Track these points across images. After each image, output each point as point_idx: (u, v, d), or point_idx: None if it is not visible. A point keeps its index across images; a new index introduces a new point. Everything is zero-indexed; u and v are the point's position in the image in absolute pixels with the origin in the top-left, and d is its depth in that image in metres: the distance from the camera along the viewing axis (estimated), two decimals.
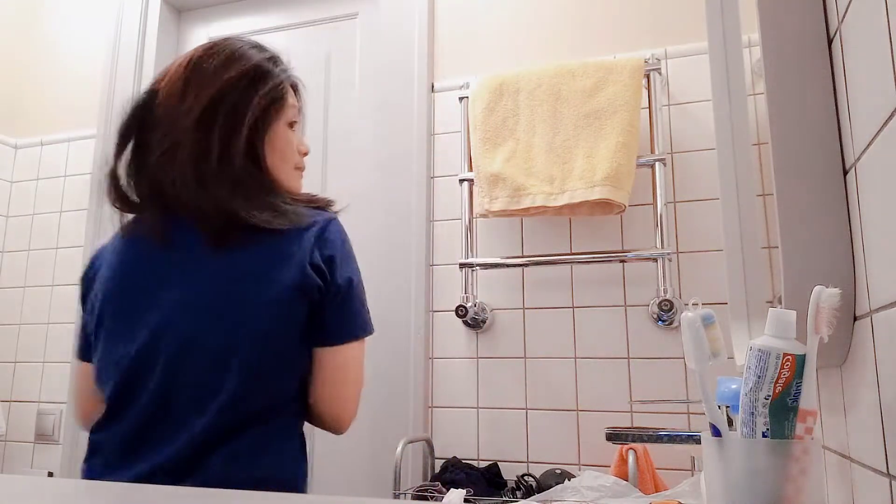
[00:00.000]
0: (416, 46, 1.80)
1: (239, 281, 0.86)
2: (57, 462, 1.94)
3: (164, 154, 0.89)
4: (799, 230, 0.62)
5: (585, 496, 1.07)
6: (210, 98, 0.90)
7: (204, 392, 0.84)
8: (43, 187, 2.16)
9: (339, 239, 0.92)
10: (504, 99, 1.59)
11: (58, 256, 2.09)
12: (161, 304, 0.87)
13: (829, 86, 0.63)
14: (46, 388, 2.01)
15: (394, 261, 1.69)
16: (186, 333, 0.85)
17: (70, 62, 2.22)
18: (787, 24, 0.65)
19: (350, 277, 0.91)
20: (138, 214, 0.95)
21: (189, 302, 0.86)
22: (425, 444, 1.57)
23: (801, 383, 0.48)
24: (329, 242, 0.90)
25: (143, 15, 2.12)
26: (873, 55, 0.51)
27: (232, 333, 0.85)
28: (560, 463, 1.47)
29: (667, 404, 1.41)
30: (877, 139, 0.51)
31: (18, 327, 2.09)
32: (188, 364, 0.85)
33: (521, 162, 1.54)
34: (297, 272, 0.86)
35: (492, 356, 1.60)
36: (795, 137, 0.63)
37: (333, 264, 0.89)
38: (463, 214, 1.63)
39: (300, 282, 0.86)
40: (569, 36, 1.69)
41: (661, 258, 1.43)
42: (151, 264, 0.90)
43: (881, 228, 0.51)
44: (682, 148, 1.54)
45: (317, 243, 0.89)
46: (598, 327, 1.53)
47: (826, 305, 0.48)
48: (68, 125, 2.16)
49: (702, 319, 0.51)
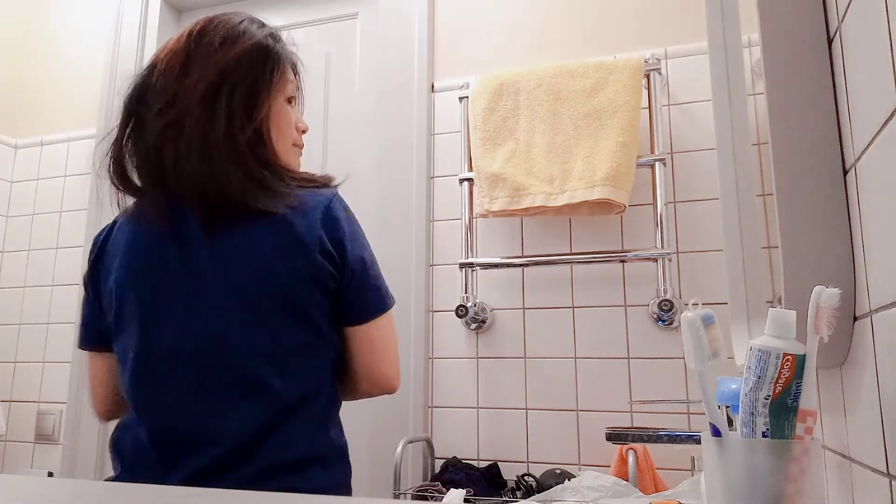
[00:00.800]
0: (416, 46, 1.80)
1: (249, 275, 0.86)
2: (57, 462, 1.94)
3: (170, 126, 0.88)
4: (799, 230, 0.62)
5: (585, 496, 1.07)
6: (216, 73, 0.90)
7: (234, 392, 0.84)
8: (43, 187, 2.16)
9: (343, 217, 0.91)
10: (504, 99, 1.59)
11: (58, 256, 2.09)
12: (174, 300, 0.87)
13: (829, 86, 0.63)
14: (46, 388, 2.01)
15: (394, 261, 1.69)
16: (207, 333, 0.85)
17: (70, 62, 2.22)
18: (787, 24, 0.65)
19: (361, 256, 0.91)
20: (137, 195, 0.93)
21: (200, 299, 0.86)
22: (425, 444, 1.57)
23: (801, 383, 0.48)
24: (335, 223, 0.89)
25: (143, 15, 2.12)
26: (873, 55, 0.51)
27: (253, 331, 0.85)
28: (560, 463, 1.47)
29: (667, 404, 1.41)
30: (877, 139, 0.51)
31: (18, 327, 2.09)
32: (214, 363, 0.85)
33: (521, 162, 1.54)
34: (307, 262, 0.86)
35: (492, 356, 1.60)
36: (795, 137, 0.63)
37: (343, 247, 0.89)
38: (463, 214, 1.63)
39: (312, 272, 0.86)
40: (569, 36, 1.69)
41: (661, 258, 1.43)
42: (162, 255, 0.89)
43: (881, 228, 0.51)
44: (682, 148, 1.54)
45: (324, 227, 0.88)
46: (598, 327, 1.53)
47: (826, 305, 0.48)
48: (68, 125, 2.16)
49: (702, 319, 0.51)
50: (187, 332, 0.86)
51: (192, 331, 0.85)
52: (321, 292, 0.87)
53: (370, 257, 0.93)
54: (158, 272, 0.88)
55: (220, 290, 0.86)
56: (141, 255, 0.90)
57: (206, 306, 0.85)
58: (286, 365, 0.86)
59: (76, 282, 2.03)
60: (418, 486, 1.40)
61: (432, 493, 1.34)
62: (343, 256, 0.89)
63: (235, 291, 0.85)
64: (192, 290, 0.86)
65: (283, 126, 0.97)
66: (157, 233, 0.89)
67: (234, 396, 0.84)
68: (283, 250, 0.86)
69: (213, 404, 0.84)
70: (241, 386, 0.84)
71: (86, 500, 0.59)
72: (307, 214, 0.88)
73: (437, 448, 1.59)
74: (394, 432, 1.58)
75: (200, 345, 0.85)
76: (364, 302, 0.92)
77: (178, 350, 0.85)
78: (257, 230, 0.87)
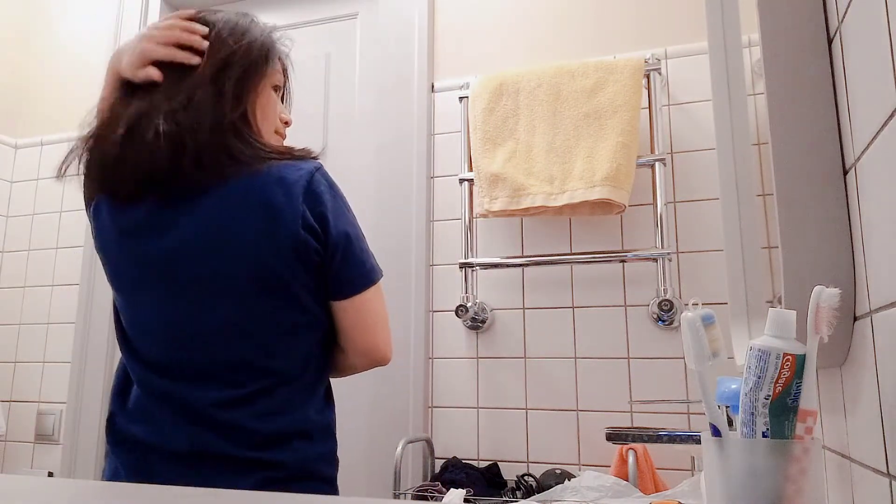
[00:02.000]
0: (416, 46, 1.80)
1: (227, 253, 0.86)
2: (57, 462, 1.94)
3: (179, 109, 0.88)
4: (799, 230, 0.62)
5: (585, 496, 1.07)
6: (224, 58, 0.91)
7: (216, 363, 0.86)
8: (43, 187, 2.16)
9: (326, 191, 0.90)
10: (504, 99, 1.59)
11: (58, 256, 2.09)
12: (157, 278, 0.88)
13: (829, 86, 0.63)
14: (46, 388, 2.01)
15: (394, 261, 1.69)
16: (188, 310, 0.86)
17: (70, 62, 2.22)
18: (787, 24, 0.65)
19: (345, 231, 0.90)
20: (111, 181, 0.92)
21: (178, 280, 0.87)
22: (425, 444, 1.57)
23: (801, 383, 0.48)
24: (318, 197, 0.88)
25: (143, 14, 2.12)
26: (873, 55, 0.51)
27: (231, 307, 0.86)
28: (560, 463, 1.47)
29: (667, 404, 1.41)
30: (877, 139, 0.51)
31: (18, 327, 2.09)
32: (196, 341, 0.86)
33: (521, 162, 1.54)
34: (289, 237, 0.85)
35: (492, 356, 1.60)
36: (795, 137, 0.63)
37: (326, 220, 0.88)
38: (463, 214, 1.63)
39: (294, 247, 0.86)
40: (569, 36, 1.69)
41: (661, 258, 1.43)
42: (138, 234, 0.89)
43: (881, 228, 0.51)
44: (682, 148, 1.54)
45: (305, 201, 0.87)
46: (598, 327, 1.53)
47: (826, 305, 0.48)
48: (68, 125, 2.16)
49: (702, 319, 0.51)
50: (167, 312, 0.87)
51: (173, 310, 0.87)
52: (304, 268, 0.87)
53: (355, 231, 0.93)
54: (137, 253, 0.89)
55: (197, 270, 0.86)
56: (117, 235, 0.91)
57: (185, 286, 0.86)
58: (269, 344, 0.87)
59: (76, 282, 2.03)
60: (418, 486, 1.40)
61: (432, 493, 1.34)
62: (326, 230, 0.88)
63: (216, 270, 0.86)
64: (170, 271, 0.87)
65: (269, 111, 0.98)
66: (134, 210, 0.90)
67: (212, 372, 0.86)
68: (263, 226, 0.85)
69: (195, 379, 0.86)
70: (223, 364, 0.86)
71: (86, 500, 0.59)
72: (289, 188, 0.87)
73: (437, 448, 1.59)
74: (394, 432, 1.58)
75: (180, 324, 0.86)
76: (349, 276, 0.91)
77: (161, 329, 0.87)
78: (233, 205, 0.86)
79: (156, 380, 0.87)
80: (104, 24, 2.17)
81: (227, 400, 0.85)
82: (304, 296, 0.88)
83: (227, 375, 0.86)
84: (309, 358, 0.91)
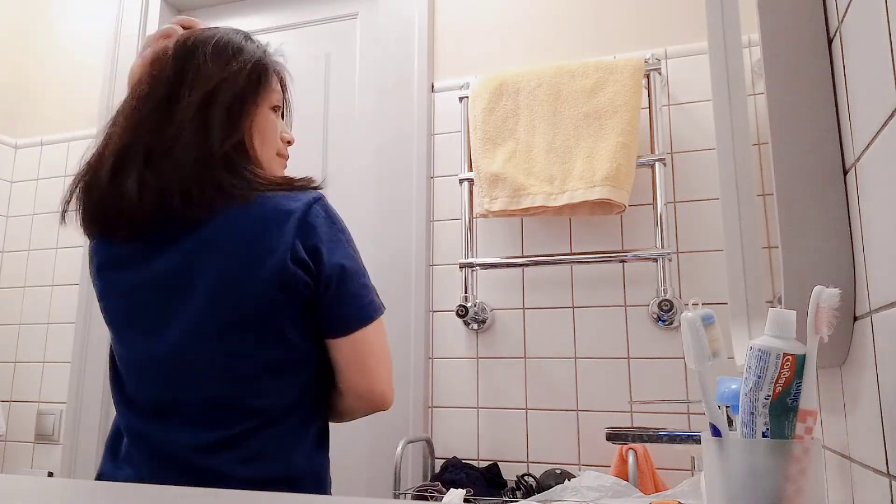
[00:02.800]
0: (416, 46, 1.80)
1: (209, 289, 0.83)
2: (57, 462, 1.94)
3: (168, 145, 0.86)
4: (799, 230, 0.62)
5: (585, 496, 1.07)
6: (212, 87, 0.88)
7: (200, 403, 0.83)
8: (43, 187, 2.16)
9: (323, 223, 0.85)
10: (504, 99, 1.59)
11: (58, 256, 2.09)
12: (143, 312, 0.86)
13: (829, 86, 0.63)
14: (46, 388, 2.01)
15: (394, 261, 1.69)
16: (173, 345, 0.84)
17: (70, 62, 2.22)
18: (787, 24, 0.65)
19: (341, 264, 0.85)
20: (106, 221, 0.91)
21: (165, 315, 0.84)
22: (425, 444, 1.58)
23: (801, 383, 0.48)
24: (312, 229, 0.84)
25: (143, 14, 2.12)
26: (873, 55, 0.51)
27: (214, 343, 0.83)
28: (560, 463, 1.47)
29: (667, 404, 1.41)
30: (877, 139, 0.51)
31: (18, 327, 2.09)
32: (181, 378, 0.84)
33: (521, 162, 1.54)
34: (276, 271, 0.82)
35: (492, 356, 1.60)
36: (795, 137, 0.63)
37: (319, 254, 0.84)
38: (463, 214, 1.63)
39: (282, 281, 0.82)
40: (569, 36, 1.69)
41: (661, 258, 1.43)
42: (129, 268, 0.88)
43: (881, 228, 0.51)
44: (682, 148, 1.54)
45: (298, 233, 0.83)
46: (598, 327, 1.53)
47: (826, 305, 0.48)
48: (68, 125, 2.16)
49: (702, 319, 0.51)
50: (151, 348, 0.85)
51: (158, 345, 0.84)
52: (292, 303, 0.83)
53: (353, 265, 0.87)
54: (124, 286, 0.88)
55: (181, 304, 0.84)
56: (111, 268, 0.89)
57: (169, 321, 0.84)
58: (253, 382, 0.83)
59: (76, 282, 2.03)
60: (418, 487, 1.40)
61: (432, 493, 1.34)
62: (319, 264, 0.84)
63: (198, 305, 0.83)
64: (155, 305, 0.85)
65: (269, 135, 0.94)
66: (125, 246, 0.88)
67: (196, 412, 0.82)
68: (248, 260, 0.82)
69: (179, 420, 0.83)
70: (208, 402, 0.83)
71: (86, 500, 0.59)
72: (282, 221, 0.83)
73: (437, 448, 1.59)
74: (394, 432, 1.58)
75: (165, 362, 0.84)
76: (342, 312, 0.86)
77: (147, 366, 0.85)
78: (220, 238, 0.83)
79: (139, 424, 0.84)
80: (104, 25, 2.17)
81: (210, 443, 0.81)
82: (291, 331, 0.84)
83: (211, 415, 0.82)
84: (297, 398, 0.86)
